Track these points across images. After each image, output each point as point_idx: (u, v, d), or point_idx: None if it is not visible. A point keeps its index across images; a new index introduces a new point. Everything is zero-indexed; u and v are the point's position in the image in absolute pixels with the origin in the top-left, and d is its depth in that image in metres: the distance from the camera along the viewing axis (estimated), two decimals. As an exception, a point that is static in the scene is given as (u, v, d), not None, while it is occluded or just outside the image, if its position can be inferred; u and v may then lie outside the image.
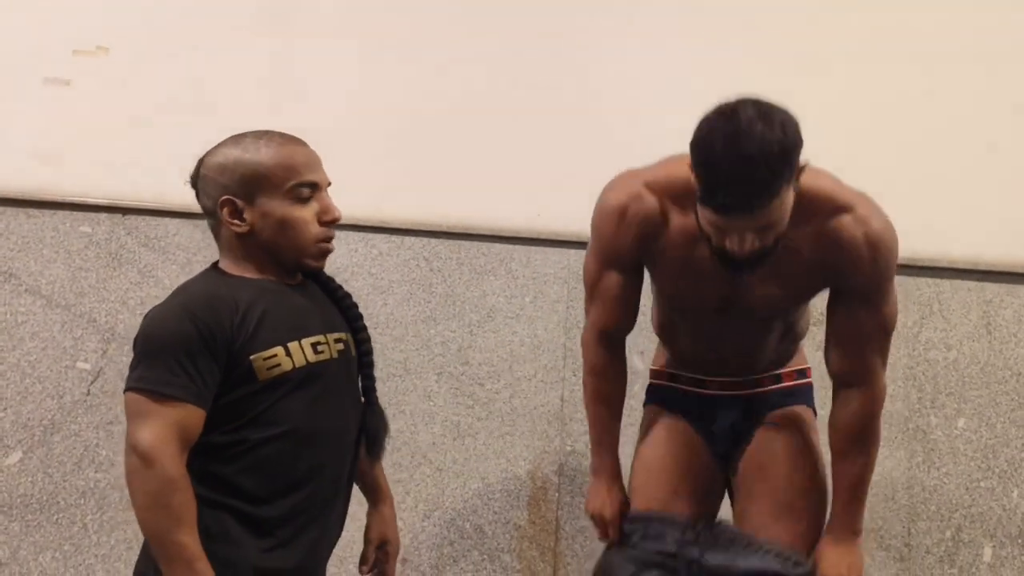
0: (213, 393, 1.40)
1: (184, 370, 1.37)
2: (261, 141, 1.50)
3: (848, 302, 1.66)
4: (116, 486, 2.43)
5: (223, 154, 1.50)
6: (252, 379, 1.43)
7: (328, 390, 1.51)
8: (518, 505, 2.48)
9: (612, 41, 2.55)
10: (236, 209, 1.48)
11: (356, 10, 2.59)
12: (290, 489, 1.46)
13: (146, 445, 1.34)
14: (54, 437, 2.44)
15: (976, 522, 2.44)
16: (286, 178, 1.48)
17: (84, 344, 2.47)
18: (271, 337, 1.44)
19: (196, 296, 1.45)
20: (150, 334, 1.42)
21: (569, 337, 2.52)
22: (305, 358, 1.47)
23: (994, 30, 2.50)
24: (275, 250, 1.50)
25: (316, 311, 1.55)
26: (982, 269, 2.46)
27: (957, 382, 2.46)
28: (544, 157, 2.53)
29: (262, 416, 1.43)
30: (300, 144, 1.53)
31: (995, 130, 2.48)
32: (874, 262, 1.59)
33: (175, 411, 1.36)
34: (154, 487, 1.34)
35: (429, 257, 2.55)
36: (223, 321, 1.41)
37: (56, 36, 2.57)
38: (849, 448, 1.71)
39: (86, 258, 2.51)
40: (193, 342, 1.38)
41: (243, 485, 1.42)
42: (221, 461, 1.42)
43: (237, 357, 1.41)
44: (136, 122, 2.55)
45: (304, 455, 1.47)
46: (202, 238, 2.52)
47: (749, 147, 1.36)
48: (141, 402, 1.37)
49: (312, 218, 1.50)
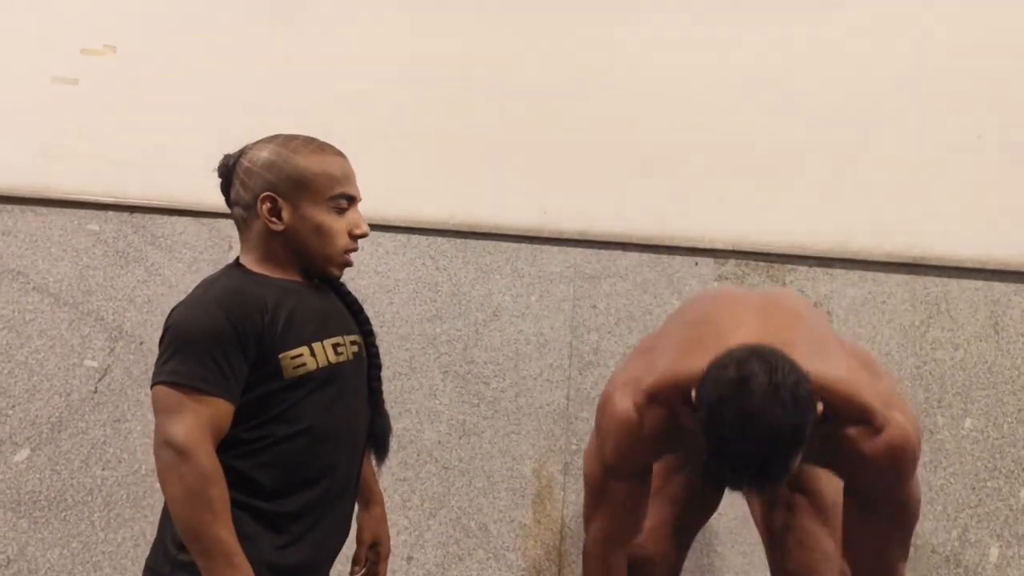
0: (241, 389, 1.42)
1: (217, 365, 1.39)
2: (311, 147, 1.54)
3: (864, 502, 1.56)
4: (123, 483, 2.44)
5: (272, 151, 1.52)
6: (279, 376, 1.45)
7: (344, 390, 1.54)
8: (523, 504, 2.49)
9: (617, 40, 2.55)
10: (276, 207, 1.50)
11: (362, 6, 2.59)
12: (305, 485, 1.48)
13: (182, 439, 1.35)
14: (61, 435, 2.45)
15: (983, 522, 2.43)
16: (329, 187, 1.52)
17: (91, 342, 2.48)
18: (297, 336, 1.48)
19: (227, 292, 1.46)
20: (183, 328, 1.43)
21: (575, 336, 2.52)
22: (327, 359, 1.51)
23: (1009, 27, 2.49)
24: (304, 254, 1.54)
25: (335, 313, 1.59)
26: (990, 268, 2.45)
27: (964, 382, 2.45)
28: (550, 155, 2.53)
29: (286, 413, 1.46)
30: (343, 157, 1.58)
31: (1006, 129, 2.47)
32: (888, 468, 1.49)
33: (208, 405, 1.38)
34: (191, 481, 1.35)
35: (435, 256, 2.55)
36: (254, 318, 1.43)
37: (64, 35, 2.58)
38: None
39: (93, 256, 2.51)
40: (226, 337, 1.40)
41: (260, 480, 1.45)
42: (242, 456, 1.44)
43: (266, 354, 1.44)
44: (143, 120, 2.56)
45: (320, 453, 1.50)
46: (209, 236, 2.53)
47: (762, 432, 1.29)
48: (173, 396, 1.38)
49: (344, 230, 1.55)
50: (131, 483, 2.45)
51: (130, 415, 2.46)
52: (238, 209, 1.55)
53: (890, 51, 2.49)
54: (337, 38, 2.59)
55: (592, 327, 2.52)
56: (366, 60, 2.58)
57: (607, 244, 2.44)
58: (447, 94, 2.57)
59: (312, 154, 1.53)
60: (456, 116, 2.57)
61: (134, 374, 2.47)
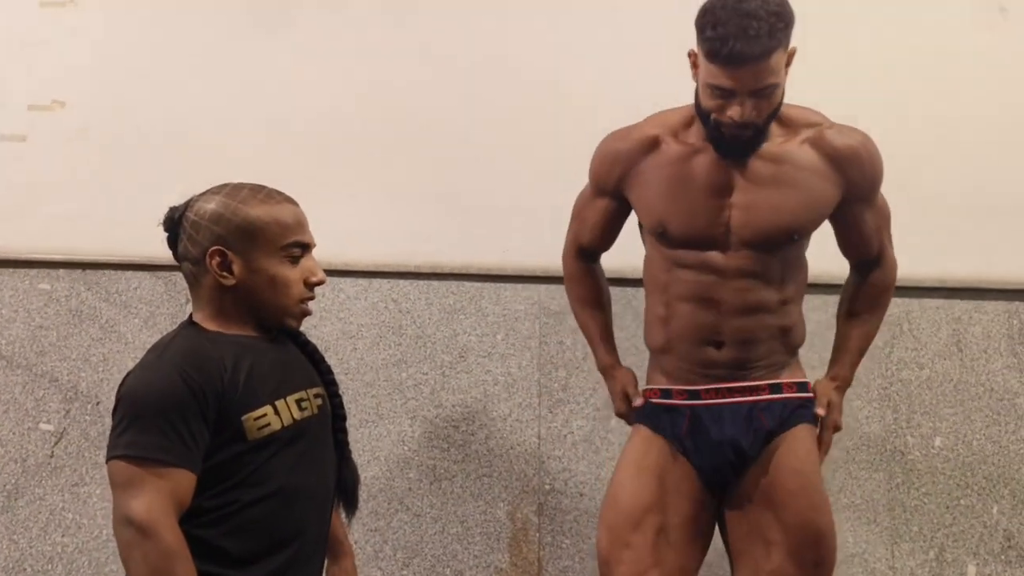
0: (203, 455, 1.36)
1: (177, 433, 1.33)
2: (260, 196, 1.49)
3: (853, 206, 1.79)
4: (84, 550, 2.36)
5: (219, 202, 1.46)
6: (242, 439, 1.39)
7: (311, 446, 1.50)
8: (499, 547, 2.45)
9: (579, 76, 2.56)
10: (226, 261, 1.45)
11: (317, 51, 2.58)
12: (275, 548, 1.43)
13: (143, 516, 1.29)
14: (18, 502, 2.37)
15: (958, 541, 2.43)
16: (282, 236, 1.47)
17: (46, 405, 2.42)
18: (259, 396, 1.42)
19: (182, 354, 1.40)
20: (138, 396, 1.36)
21: (543, 373, 2.50)
22: (292, 416, 1.46)
23: (966, 35, 2.54)
24: (259, 306, 1.48)
25: (295, 367, 1.54)
26: (949, 287, 2.48)
27: (931, 401, 2.47)
28: (510, 193, 2.52)
29: (252, 476, 1.40)
30: (294, 204, 1.53)
31: (963, 145, 2.51)
32: (872, 164, 1.76)
33: (169, 478, 1.32)
34: (155, 560, 1.29)
35: (397, 299, 2.53)
36: (214, 381, 1.37)
37: (10, 91, 2.55)
38: (865, 310, 1.89)
39: (46, 316, 2.46)
40: (185, 403, 1.34)
41: (228, 548, 1.39)
42: (206, 525, 1.37)
43: (228, 417, 1.38)
44: (93, 175, 2.52)
45: (290, 514, 1.44)
46: (164, 290, 2.49)
47: (751, 5, 1.55)
48: (131, 470, 1.32)
49: (299, 279, 1.50)
50: (92, 549, 2.37)
51: (88, 478, 2.39)
52: (187, 264, 1.49)
53: (858, 62, 2.53)
54: (291, 84, 2.58)
55: (560, 364, 2.50)
56: (322, 104, 2.57)
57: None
58: (404, 135, 2.56)
59: (261, 203, 1.47)
60: (414, 157, 2.56)
61: (91, 436, 2.41)
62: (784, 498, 1.75)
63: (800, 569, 1.73)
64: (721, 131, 1.66)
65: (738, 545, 1.80)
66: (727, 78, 1.58)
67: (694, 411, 1.80)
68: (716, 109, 1.64)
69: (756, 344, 1.78)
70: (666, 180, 1.76)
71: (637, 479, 1.80)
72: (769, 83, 1.59)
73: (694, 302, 1.77)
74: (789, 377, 1.82)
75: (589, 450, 2.47)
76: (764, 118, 1.65)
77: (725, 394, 1.79)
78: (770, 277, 1.76)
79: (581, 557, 2.44)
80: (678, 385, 1.83)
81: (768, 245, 1.73)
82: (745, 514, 1.79)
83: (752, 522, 1.77)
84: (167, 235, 1.52)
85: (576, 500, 2.46)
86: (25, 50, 2.56)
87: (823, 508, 1.77)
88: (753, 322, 1.76)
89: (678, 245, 1.78)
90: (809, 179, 1.72)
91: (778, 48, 1.57)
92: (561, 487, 2.46)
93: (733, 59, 1.56)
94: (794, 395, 1.81)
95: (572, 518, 2.45)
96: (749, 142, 1.68)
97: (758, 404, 1.78)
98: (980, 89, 2.51)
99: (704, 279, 1.76)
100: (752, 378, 1.79)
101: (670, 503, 1.79)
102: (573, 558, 2.44)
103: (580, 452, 2.47)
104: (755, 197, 1.72)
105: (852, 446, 2.46)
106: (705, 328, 1.77)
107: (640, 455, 1.83)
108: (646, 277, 1.91)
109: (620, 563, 1.77)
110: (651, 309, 1.88)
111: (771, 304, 1.77)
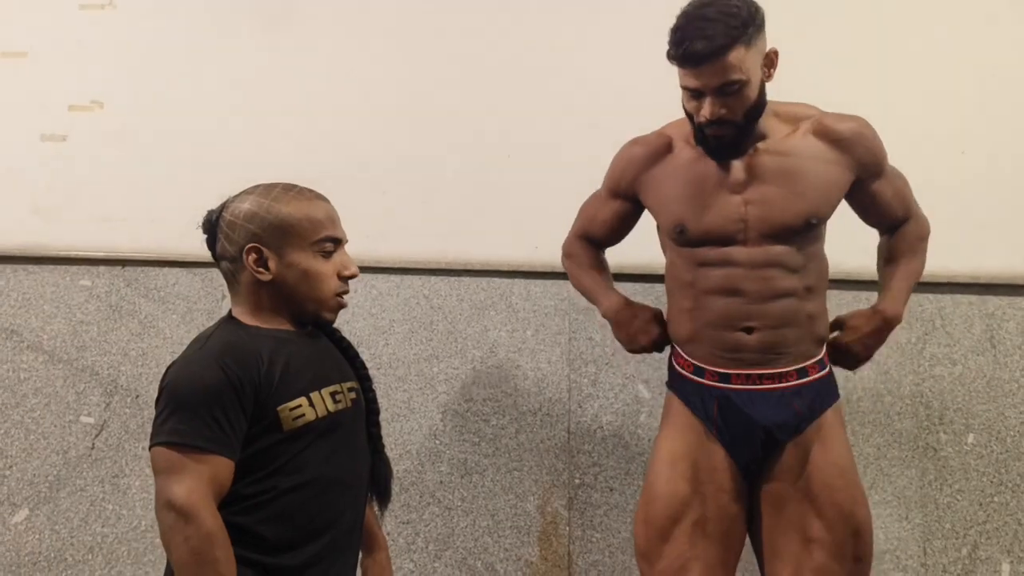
0: (241, 444, 1.42)
1: (216, 421, 1.38)
2: (291, 194, 1.54)
3: (868, 184, 1.84)
4: (123, 540, 2.41)
5: (253, 202, 1.52)
6: (278, 429, 1.45)
7: (345, 438, 1.54)
8: (529, 541, 2.46)
9: (608, 74, 2.57)
10: (262, 257, 1.50)
11: (353, 49, 2.61)
12: (310, 537, 1.47)
13: (184, 501, 1.34)
14: (60, 493, 2.43)
15: (992, 538, 2.41)
16: (313, 231, 1.52)
17: (87, 398, 2.47)
18: (295, 388, 1.47)
19: (223, 346, 1.46)
20: (180, 386, 1.42)
21: (573, 369, 2.51)
22: (327, 408, 1.50)
23: (998, 40, 2.52)
24: (295, 300, 1.53)
25: (330, 361, 1.59)
26: (983, 282, 2.46)
27: (964, 397, 2.45)
28: (541, 190, 2.54)
29: (287, 465, 1.45)
30: (326, 200, 1.58)
31: (993, 141, 2.49)
32: (874, 139, 1.82)
33: (209, 464, 1.37)
34: (196, 543, 1.33)
35: (429, 295, 2.55)
36: (251, 373, 1.43)
37: (52, 92, 2.60)
38: (904, 253, 1.92)
39: (87, 311, 2.51)
40: (224, 393, 1.39)
41: (264, 534, 1.43)
42: (245, 511, 1.43)
43: (264, 408, 1.44)
44: (132, 174, 2.57)
45: (324, 503, 1.49)
46: (202, 286, 2.53)
47: (708, 10, 1.65)
48: (173, 456, 1.37)
49: (332, 272, 1.55)
50: (131, 539, 2.42)
51: (128, 470, 2.44)
52: (225, 263, 1.55)
53: (883, 62, 2.51)
54: (325, 85, 2.61)
55: (589, 359, 2.52)
56: (357, 101, 2.60)
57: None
58: (436, 132, 2.59)
59: (293, 200, 1.53)
60: (447, 154, 2.58)
61: (131, 428, 2.46)
62: (823, 492, 1.75)
63: (842, 565, 1.73)
64: (704, 133, 1.74)
65: (774, 540, 1.79)
66: (691, 78, 1.69)
67: (724, 393, 1.81)
68: (694, 111, 1.74)
69: (785, 329, 1.78)
70: (681, 182, 1.82)
71: (672, 469, 1.81)
72: (732, 79, 1.66)
73: (722, 294, 1.80)
74: (813, 359, 1.82)
75: (619, 445, 2.48)
76: (740, 116, 1.71)
77: (756, 380, 1.79)
78: (793, 265, 1.78)
79: (611, 551, 2.45)
80: (709, 366, 1.83)
81: (787, 235, 1.77)
82: (781, 508, 1.79)
83: (789, 516, 1.77)
84: (206, 236, 1.57)
85: (606, 494, 2.47)
86: (65, 52, 2.62)
87: (862, 501, 1.77)
88: (781, 307, 1.78)
89: (698, 243, 1.81)
90: (817, 165, 1.77)
91: (735, 46, 1.64)
92: (591, 481, 2.47)
93: (689, 58, 1.66)
94: (818, 375, 1.82)
95: (602, 512, 2.47)
96: (733, 141, 1.75)
97: (788, 390, 1.79)
98: (1014, 84, 2.49)
99: (729, 272, 1.79)
100: (781, 366, 1.79)
101: (706, 493, 1.79)
102: (603, 552, 2.46)
103: (610, 447, 2.48)
104: (768, 190, 1.76)
105: (884, 442, 2.45)
106: (735, 315, 1.79)
107: (674, 444, 1.84)
108: (669, 278, 1.93)
109: (660, 557, 1.78)
110: (676, 304, 1.90)
111: (797, 290, 1.79)
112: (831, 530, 1.73)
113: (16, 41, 2.62)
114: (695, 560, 1.76)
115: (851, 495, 1.75)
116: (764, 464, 1.80)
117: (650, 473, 1.86)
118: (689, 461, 1.81)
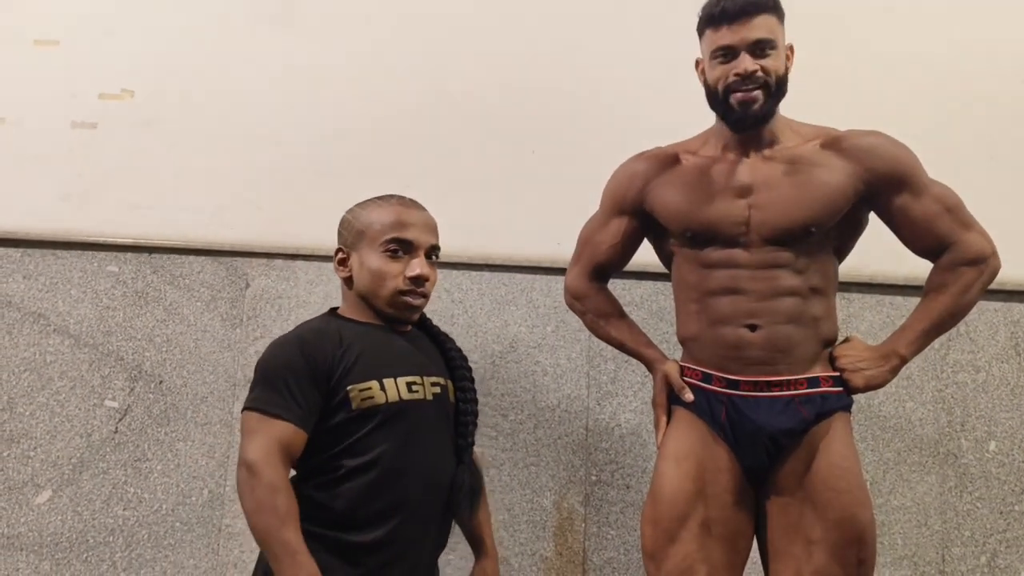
0: (315, 419, 1.56)
1: (290, 393, 1.53)
2: (379, 201, 1.71)
3: (890, 197, 1.80)
4: (144, 523, 2.44)
5: (353, 211, 1.73)
6: (347, 407, 1.57)
7: (419, 429, 1.62)
8: (545, 536, 2.47)
9: (633, 71, 2.57)
10: (344, 258, 1.70)
11: (378, 43, 2.63)
12: (378, 519, 1.55)
13: (253, 457, 1.49)
14: (83, 475, 2.46)
15: (1012, 547, 2.39)
16: (382, 233, 1.66)
17: (112, 382, 2.50)
18: (367, 371, 1.59)
19: (309, 331, 1.63)
20: (266, 361, 1.59)
21: (592, 366, 2.51)
22: (399, 394, 1.60)
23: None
24: (366, 297, 1.68)
25: (416, 355, 1.69)
26: (1008, 289, 2.44)
27: (987, 404, 2.43)
28: (563, 186, 2.54)
29: (356, 445, 1.56)
30: (414, 208, 1.71)
31: (1019, 148, 2.47)
32: (894, 150, 1.78)
33: (279, 428, 1.52)
34: (260, 493, 1.47)
35: (450, 289, 2.56)
36: (327, 353, 1.58)
37: (83, 80, 2.63)
38: (937, 284, 1.82)
39: (113, 297, 2.54)
40: (300, 370, 1.55)
41: (335, 509, 1.54)
42: (318, 487, 1.56)
43: (336, 386, 1.57)
44: (160, 162, 2.60)
45: (393, 488, 1.56)
46: (225, 274, 2.56)
47: None
48: (253, 419, 1.54)
49: (398, 273, 1.66)
50: (152, 523, 2.45)
51: (151, 454, 2.47)
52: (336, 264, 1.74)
53: (895, 61, 2.49)
54: (350, 79, 2.63)
55: (609, 356, 2.52)
56: (379, 98, 2.62)
57: (622, 273, 2.42)
58: (460, 127, 2.60)
59: (377, 207, 1.69)
60: (470, 149, 2.59)
61: (154, 413, 2.48)
62: (825, 494, 1.73)
63: (843, 568, 1.71)
64: (730, 103, 1.77)
65: (776, 542, 1.78)
66: (727, 33, 1.73)
67: (732, 399, 1.80)
68: (722, 76, 1.76)
69: (790, 327, 1.78)
70: (689, 186, 1.85)
71: (678, 469, 1.81)
72: (764, 37, 1.72)
73: (726, 293, 1.81)
74: (823, 370, 1.81)
75: (636, 443, 2.48)
76: (773, 79, 1.75)
77: (763, 387, 1.78)
78: (795, 267, 1.79)
79: (626, 548, 2.46)
80: (716, 372, 1.83)
81: (787, 239, 1.77)
82: (784, 510, 1.78)
83: (791, 518, 1.76)
84: None
85: (622, 492, 2.47)
86: (96, 41, 2.65)
87: (865, 504, 1.75)
88: (785, 305, 1.78)
89: (703, 245, 1.83)
90: (822, 174, 1.77)
91: (768, 11, 1.73)
92: (608, 479, 2.48)
93: (725, 14, 1.73)
94: (831, 388, 1.80)
95: (618, 509, 2.47)
96: (759, 111, 1.77)
97: (796, 397, 1.78)
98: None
99: (734, 272, 1.80)
100: (788, 371, 1.78)
101: (711, 494, 1.79)
102: (618, 549, 2.46)
103: (627, 445, 2.48)
104: (772, 196, 1.78)
105: (904, 448, 2.43)
106: (739, 312, 1.79)
107: (679, 443, 1.84)
108: (676, 280, 1.94)
109: (667, 558, 1.78)
110: (683, 304, 1.91)
111: (801, 290, 1.78)
112: (833, 532, 1.72)
113: (48, 30, 2.65)
114: (702, 562, 1.76)
115: (854, 498, 1.74)
116: (769, 467, 1.80)
117: (656, 472, 1.86)
118: (694, 460, 1.81)
